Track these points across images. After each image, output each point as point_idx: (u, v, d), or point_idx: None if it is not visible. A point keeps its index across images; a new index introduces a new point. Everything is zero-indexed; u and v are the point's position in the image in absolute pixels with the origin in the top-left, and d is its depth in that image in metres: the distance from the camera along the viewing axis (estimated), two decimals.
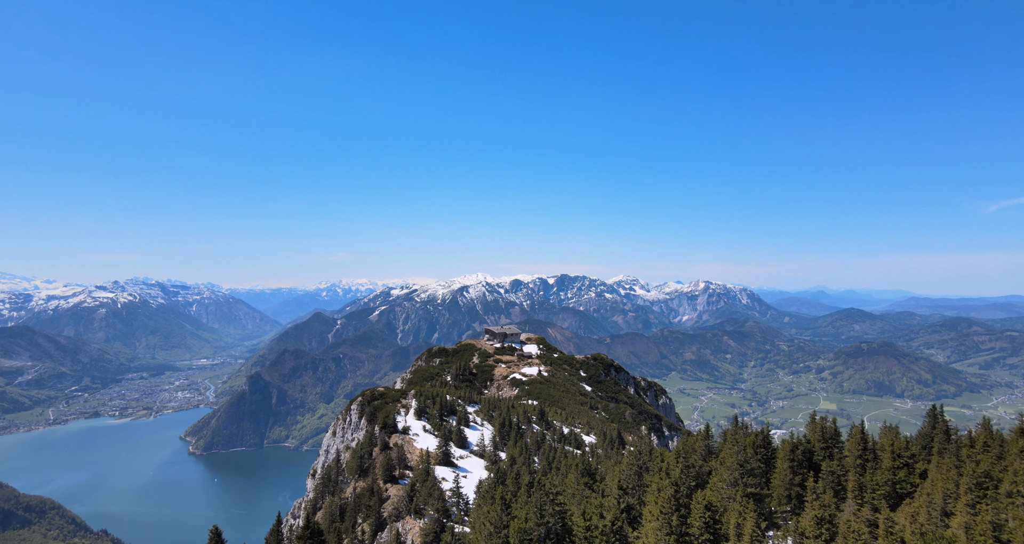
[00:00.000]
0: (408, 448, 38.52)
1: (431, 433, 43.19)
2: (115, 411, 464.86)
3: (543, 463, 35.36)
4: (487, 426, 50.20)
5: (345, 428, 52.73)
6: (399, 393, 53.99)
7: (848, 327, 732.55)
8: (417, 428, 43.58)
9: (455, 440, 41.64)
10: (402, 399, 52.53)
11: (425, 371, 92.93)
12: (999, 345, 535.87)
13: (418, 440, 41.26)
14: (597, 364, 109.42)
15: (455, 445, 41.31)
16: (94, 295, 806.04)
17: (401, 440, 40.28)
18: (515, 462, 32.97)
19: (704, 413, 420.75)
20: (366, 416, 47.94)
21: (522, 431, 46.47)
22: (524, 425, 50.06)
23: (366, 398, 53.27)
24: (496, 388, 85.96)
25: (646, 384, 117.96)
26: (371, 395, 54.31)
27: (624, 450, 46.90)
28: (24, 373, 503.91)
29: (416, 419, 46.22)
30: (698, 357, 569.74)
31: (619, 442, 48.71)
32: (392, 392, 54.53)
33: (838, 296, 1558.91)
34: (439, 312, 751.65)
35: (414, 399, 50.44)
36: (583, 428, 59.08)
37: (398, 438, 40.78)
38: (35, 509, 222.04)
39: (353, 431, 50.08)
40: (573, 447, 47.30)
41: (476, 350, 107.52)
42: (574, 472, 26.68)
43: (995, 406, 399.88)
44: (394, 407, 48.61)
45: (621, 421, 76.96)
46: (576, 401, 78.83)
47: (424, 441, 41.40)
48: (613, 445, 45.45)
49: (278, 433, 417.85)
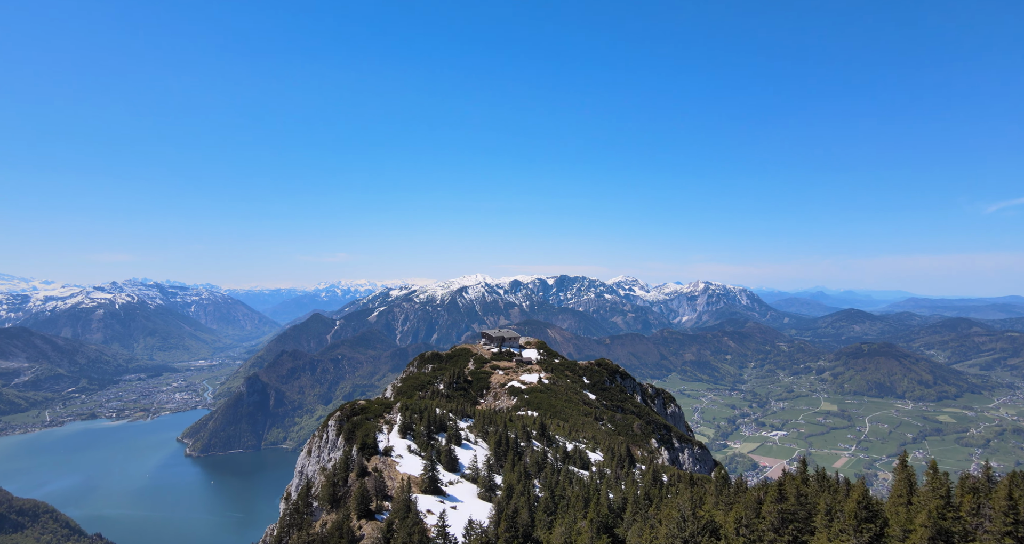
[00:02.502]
0: (389, 473, 34.68)
1: (417, 454, 39.50)
2: (112, 413, 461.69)
3: (545, 493, 31.65)
4: (481, 444, 46.64)
5: (321, 447, 48.61)
6: (383, 407, 49.28)
7: (848, 328, 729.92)
8: (401, 448, 39.76)
9: (444, 462, 38.17)
10: (385, 414, 48.72)
11: (416, 379, 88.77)
12: (1000, 346, 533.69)
13: (401, 463, 37.39)
14: (601, 370, 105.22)
15: (444, 468, 37.78)
16: (92, 296, 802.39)
17: (382, 463, 36.48)
18: (512, 492, 29.40)
19: (704, 414, 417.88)
20: (344, 434, 44.21)
21: (521, 450, 43.14)
22: (523, 442, 46.62)
23: (345, 413, 49.15)
24: (493, 397, 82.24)
25: (653, 391, 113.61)
26: (351, 409, 50.11)
27: (635, 469, 43.40)
28: (21, 374, 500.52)
29: (400, 437, 42.40)
30: (698, 358, 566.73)
31: (628, 460, 45.20)
32: (374, 406, 49.76)
33: (837, 297, 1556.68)
34: (438, 313, 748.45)
35: (399, 414, 46.47)
36: (588, 443, 55.61)
37: (378, 461, 37.04)
38: (28, 513, 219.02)
39: (330, 451, 46.27)
40: (578, 467, 43.88)
41: (472, 355, 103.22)
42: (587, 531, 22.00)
43: (996, 407, 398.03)
44: (376, 424, 44.71)
45: (629, 434, 73.46)
46: (580, 412, 74.97)
47: (408, 464, 37.68)
48: (623, 464, 42.12)
49: (276, 435, 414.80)
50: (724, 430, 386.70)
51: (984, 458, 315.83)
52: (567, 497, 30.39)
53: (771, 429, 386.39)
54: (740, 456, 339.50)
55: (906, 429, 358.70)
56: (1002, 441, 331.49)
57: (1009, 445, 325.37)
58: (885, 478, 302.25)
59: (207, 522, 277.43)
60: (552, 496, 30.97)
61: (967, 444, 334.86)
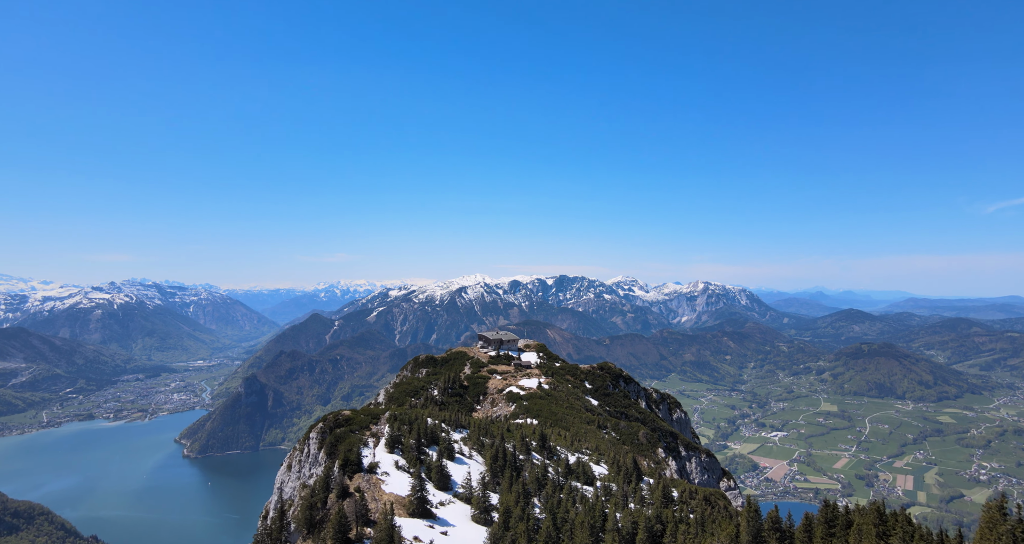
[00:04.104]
0: (373, 493, 31.91)
1: (405, 471, 36.37)
2: (110, 413, 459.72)
3: (547, 516, 29.05)
4: (476, 458, 43.77)
5: (302, 461, 44.81)
6: (370, 417, 46.42)
7: (847, 328, 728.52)
8: (388, 464, 36.71)
9: (435, 479, 35.16)
10: (372, 425, 45.36)
11: (409, 384, 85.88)
12: (1000, 346, 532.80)
13: (388, 481, 34.30)
14: (604, 374, 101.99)
15: (435, 486, 34.82)
16: (90, 296, 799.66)
17: (365, 482, 33.38)
18: (510, 515, 27.01)
19: (704, 415, 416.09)
20: (325, 448, 40.72)
21: (520, 464, 40.41)
22: (522, 455, 43.90)
23: (328, 424, 45.13)
24: (490, 404, 79.89)
25: (658, 396, 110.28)
26: (334, 420, 46.25)
27: (642, 483, 40.80)
28: (18, 375, 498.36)
29: (388, 452, 39.38)
30: (698, 358, 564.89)
31: (635, 473, 42.84)
32: (360, 416, 46.18)
33: (837, 297, 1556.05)
34: (437, 313, 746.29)
35: (387, 425, 43.36)
36: (592, 455, 52.87)
37: (362, 480, 33.76)
38: (23, 515, 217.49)
39: (311, 466, 42.72)
40: (582, 483, 41.24)
41: (468, 359, 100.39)
42: None
43: (997, 408, 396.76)
44: (361, 437, 41.46)
45: (634, 443, 70.71)
46: (582, 419, 72.17)
47: (395, 482, 34.32)
48: (629, 478, 39.52)
49: (274, 435, 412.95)
50: (724, 431, 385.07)
51: (985, 459, 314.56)
52: (571, 520, 28.10)
53: (771, 430, 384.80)
54: (740, 457, 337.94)
55: (907, 430, 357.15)
56: (1003, 442, 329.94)
57: (1010, 446, 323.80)
58: (886, 479, 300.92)
59: (204, 524, 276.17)
60: (554, 520, 28.51)
61: (968, 445, 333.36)
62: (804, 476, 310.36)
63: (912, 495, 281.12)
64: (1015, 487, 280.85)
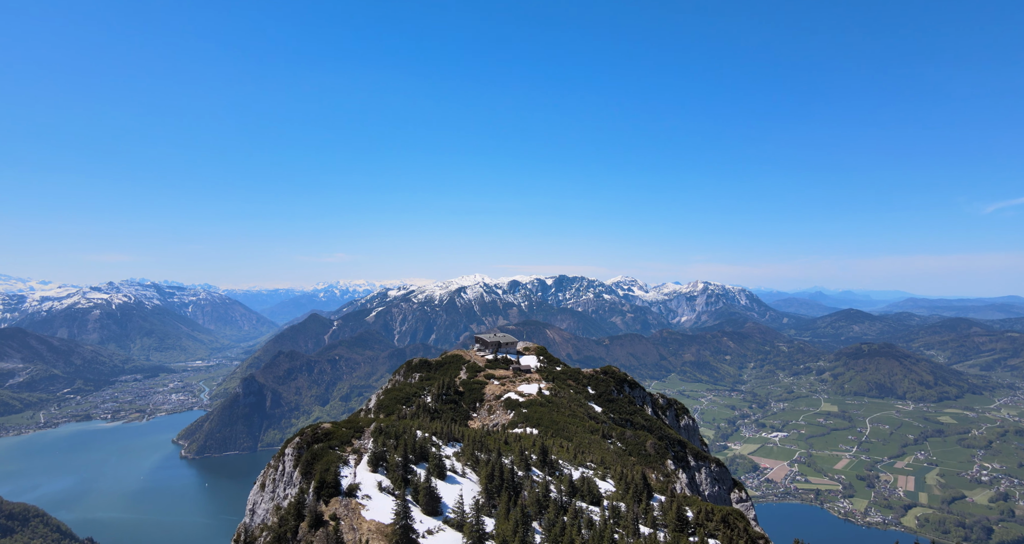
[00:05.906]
0: (352, 521, 28.49)
1: (389, 493, 32.66)
2: (107, 414, 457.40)
3: None
4: (471, 475, 40.24)
5: (276, 480, 40.48)
6: (352, 431, 42.60)
7: (847, 328, 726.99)
8: (370, 485, 32.95)
9: (423, 503, 31.50)
10: (355, 440, 41.25)
11: (400, 391, 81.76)
12: (1000, 346, 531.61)
13: (369, 506, 30.57)
14: (608, 379, 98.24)
15: (423, 510, 31.21)
16: (89, 296, 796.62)
17: (343, 508, 29.89)
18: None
19: (704, 415, 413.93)
20: (301, 467, 37.05)
21: (518, 482, 37.08)
22: (521, 471, 40.64)
23: (305, 439, 41.24)
24: (487, 411, 77.07)
25: (665, 402, 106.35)
26: (312, 435, 41.85)
27: (653, 501, 37.88)
28: (15, 375, 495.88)
29: (371, 471, 35.56)
30: (697, 358, 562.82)
31: (645, 490, 39.90)
32: (341, 430, 42.81)
33: (836, 297, 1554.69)
34: (436, 313, 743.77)
35: (371, 439, 39.50)
36: (597, 469, 49.22)
37: (339, 505, 30.51)
38: (18, 517, 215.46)
39: (286, 486, 38.53)
40: (587, 502, 37.85)
41: (464, 363, 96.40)
42: None
43: (997, 408, 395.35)
44: (341, 454, 37.74)
45: (642, 454, 67.10)
46: (585, 428, 68.43)
47: (377, 507, 31.05)
48: (639, 497, 36.32)
49: (272, 436, 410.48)
50: (724, 431, 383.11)
51: (987, 460, 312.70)
52: None
53: (771, 430, 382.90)
54: (740, 457, 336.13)
55: (907, 430, 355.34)
56: (1004, 442, 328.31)
57: (1011, 446, 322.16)
58: (887, 480, 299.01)
59: (202, 525, 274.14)
60: None
61: (969, 445, 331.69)
62: (805, 477, 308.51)
63: (913, 496, 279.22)
64: (1016, 488, 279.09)
